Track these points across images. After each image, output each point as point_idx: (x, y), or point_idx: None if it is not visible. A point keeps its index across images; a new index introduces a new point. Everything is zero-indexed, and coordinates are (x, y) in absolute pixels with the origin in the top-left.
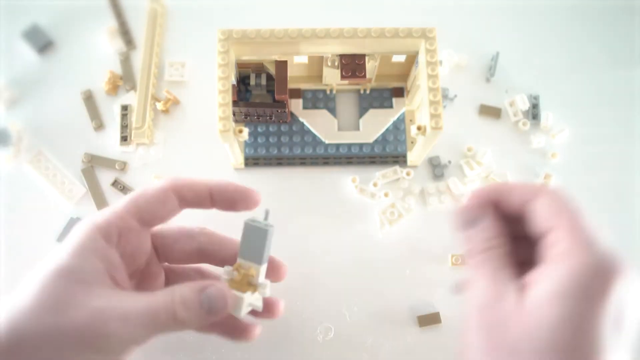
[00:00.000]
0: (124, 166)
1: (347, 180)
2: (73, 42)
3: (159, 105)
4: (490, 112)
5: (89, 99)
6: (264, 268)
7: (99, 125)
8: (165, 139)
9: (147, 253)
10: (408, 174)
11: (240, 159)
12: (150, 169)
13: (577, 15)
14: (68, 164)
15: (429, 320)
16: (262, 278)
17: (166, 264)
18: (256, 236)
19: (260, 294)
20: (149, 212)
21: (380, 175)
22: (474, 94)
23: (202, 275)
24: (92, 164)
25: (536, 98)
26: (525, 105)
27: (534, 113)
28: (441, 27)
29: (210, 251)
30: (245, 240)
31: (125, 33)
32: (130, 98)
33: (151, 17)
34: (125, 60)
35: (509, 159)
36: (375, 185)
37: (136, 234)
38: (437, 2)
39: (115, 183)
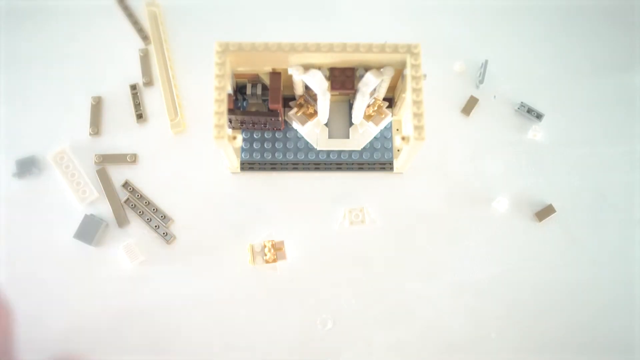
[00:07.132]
0: (134, 158)
1: (337, 185)
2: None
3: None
4: (470, 105)
5: (97, 104)
6: None
7: (96, 132)
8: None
9: None
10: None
11: (236, 164)
12: (158, 170)
13: (565, 23)
14: (85, 164)
15: None
16: None
17: None
18: None
19: None
20: None
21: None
22: (464, 99)
23: None
24: (104, 163)
25: (524, 105)
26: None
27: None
28: (434, 34)
29: None
30: None
31: (139, 31)
32: (150, 92)
33: (152, 18)
34: (145, 57)
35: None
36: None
37: None
38: (429, 10)
39: (125, 185)
